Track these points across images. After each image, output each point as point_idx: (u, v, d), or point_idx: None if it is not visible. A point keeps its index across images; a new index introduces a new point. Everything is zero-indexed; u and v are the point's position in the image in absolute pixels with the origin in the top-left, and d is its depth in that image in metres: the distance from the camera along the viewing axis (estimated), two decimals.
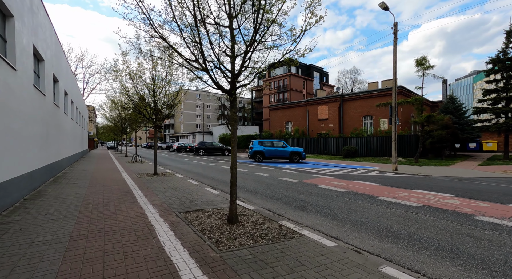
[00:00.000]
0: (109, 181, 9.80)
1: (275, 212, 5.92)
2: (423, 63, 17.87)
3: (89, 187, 8.51)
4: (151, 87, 11.36)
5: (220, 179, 11.04)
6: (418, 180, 10.45)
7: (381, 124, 26.47)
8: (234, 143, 5.03)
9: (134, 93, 11.25)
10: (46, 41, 9.17)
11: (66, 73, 14.75)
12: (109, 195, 7.33)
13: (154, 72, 11.29)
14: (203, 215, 5.44)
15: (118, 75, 11.00)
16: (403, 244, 4.01)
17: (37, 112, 8.12)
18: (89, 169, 14.24)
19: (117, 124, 25.25)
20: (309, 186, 8.97)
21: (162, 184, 9.36)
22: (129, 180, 10.26)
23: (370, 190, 8.11)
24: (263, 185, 9.53)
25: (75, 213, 5.42)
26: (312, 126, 33.37)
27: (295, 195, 7.71)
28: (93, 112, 56.21)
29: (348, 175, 11.98)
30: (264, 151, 19.50)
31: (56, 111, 11.52)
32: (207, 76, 5.32)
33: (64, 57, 13.80)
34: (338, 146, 27.40)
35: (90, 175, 11.68)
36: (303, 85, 63.59)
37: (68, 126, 15.36)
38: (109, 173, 12.46)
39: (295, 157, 19.36)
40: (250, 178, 11.38)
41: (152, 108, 11.55)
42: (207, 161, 20.89)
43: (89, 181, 9.82)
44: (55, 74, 10.98)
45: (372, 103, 27.78)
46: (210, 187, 9.04)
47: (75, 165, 16.51)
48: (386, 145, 23.57)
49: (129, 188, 8.38)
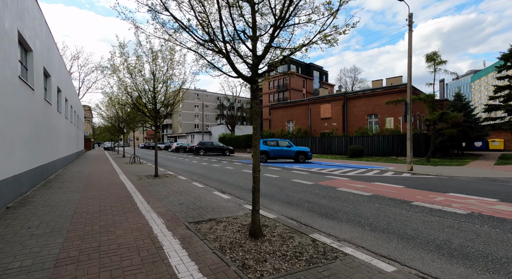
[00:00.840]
0: (106, 185, 8.92)
1: (300, 222, 5.09)
2: (434, 58, 17.12)
3: (83, 192, 7.62)
4: (151, 83, 10.51)
5: (227, 182, 10.19)
6: (443, 182, 9.67)
7: (387, 123, 25.74)
8: (256, 140, 4.19)
9: (133, 89, 10.36)
10: (34, 30, 8.27)
11: (59, 68, 13.82)
12: (106, 201, 6.45)
13: (154, 66, 10.43)
14: (218, 227, 4.60)
15: (115, 70, 10.10)
16: (482, 269, 3.18)
17: (25, 109, 7.22)
18: (84, 171, 13.32)
19: (114, 124, 24.28)
20: (328, 189, 8.15)
21: (165, 187, 8.49)
22: (128, 183, 9.38)
23: (398, 194, 7.30)
24: (275, 188, 8.70)
25: (65, 226, 4.55)
26: (315, 125, 32.59)
27: (315, 200, 6.88)
28: (89, 112, 55.04)
29: (364, 176, 11.18)
30: (268, 151, 18.66)
31: (48, 108, 10.60)
32: (221, 62, 4.49)
33: (57, 51, 12.88)
34: (343, 146, 26.64)
35: (85, 177, 10.77)
36: (303, 84, 62.88)
37: (61, 125, 14.43)
38: (106, 175, 11.56)
39: (301, 157, 18.56)
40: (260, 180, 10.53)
41: (152, 105, 10.67)
42: (209, 162, 20.02)
43: (84, 185, 8.92)
44: (46, 68, 10.07)
45: (377, 101, 27.07)
46: (218, 190, 8.19)
47: (70, 166, 15.57)
48: (393, 145, 22.84)
49: (128, 193, 7.50)
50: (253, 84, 4.05)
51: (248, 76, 4.11)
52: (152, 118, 11.11)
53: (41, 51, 9.14)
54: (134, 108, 11.25)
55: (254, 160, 4.17)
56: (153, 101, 10.74)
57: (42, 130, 9.40)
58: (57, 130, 12.79)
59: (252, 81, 4.06)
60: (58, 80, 13.10)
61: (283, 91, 60.80)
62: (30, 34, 7.73)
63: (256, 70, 4.01)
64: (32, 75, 8.08)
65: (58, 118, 13.32)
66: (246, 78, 4.10)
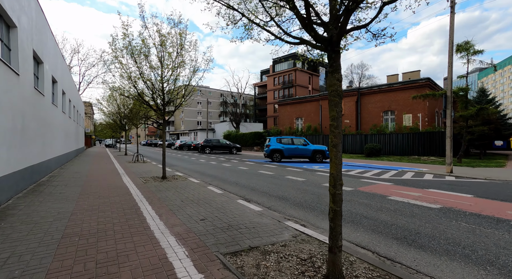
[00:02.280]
0: (107, 190, 7.49)
1: (379, 253, 3.63)
2: (467, 48, 15.51)
3: (79, 200, 6.20)
4: (159, 70, 9.05)
5: (247, 186, 8.75)
6: (508, 188, 8.20)
7: (405, 120, 24.20)
8: (337, 137, 2.73)
9: (138, 77, 8.90)
10: (19, 3, 6.79)
11: (55, 56, 12.37)
12: (106, 214, 5.02)
13: (162, 52, 8.97)
14: (268, 263, 3.16)
15: (117, 55, 8.64)
16: None
17: (4, 96, 5.78)
18: (83, 171, 11.92)
19: (116, 120, 22.87)
20: (378, 199, 6.68)
21: (177, 193, 7.05)
22: (133, 187, 7.95)
23: (476, 207, 5.81)
24: (310, 196, 7.25)
25: (45, 262, 3.11)
26: (325, 122, 31.06)
27: (372, 214, 5.43)
28: (90, 107, 53.68)
29: (405, 180, 9.71)
30: (283, 149, 17.20)
31: (40, 99, 9.16)
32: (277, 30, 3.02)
33: (51, 36, 11.42)
34: (357, 144, 25.16)
35: (83, 179, 9.36)
36: (308, 81, 61.25)
37: (58, 120, 13.00)
38: (107, 176, 10.15)
39: (318, 157, 17.09)
40: (285, 184, 9.10)
41: (160, 96, 9.22)
42: (218, 161, 18.58)
43: (81, 189, 7.50)
44: (36, 51, 8.61)
45: (394, 97, 25.51)
46: (241, 198, 6.76)
47: (68, 165, 14.17)
48: (413, 143, 21.33)
49: (134, 202, 6.07)
50: (335, 47, 2.57)
51: (327, 38, 2.62)
52: (160, 111, 9.67)
53: (29, 30, 7.68)
54: (138, 100, 9.80)
55: (334, 167, 2.70)
56: (161, 92, 9.30)
57: (31, 123, 7.97)
58: (52, 125, 11.37)
59: (334, 44, 2.58)
60: (53, 69, 11.65)
61: (289, 87, 59.20)
62: (12, 5, 6.26)
63: (342, 27, 2.53)
64: (16, 57, 6.62)
65: (54, 112, 11.89)
66: (324, 40, 2.62)
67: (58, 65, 13.22)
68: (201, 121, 75.53)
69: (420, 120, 23.47)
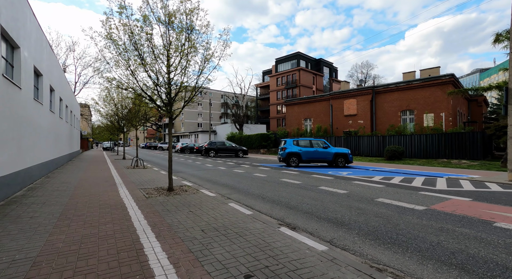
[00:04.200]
0: (98, 210, 5.58)
1: None
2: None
3: (53, 231, 4.29)
4: (164, 56, 7.21)
5: (278, 200, 6.86)
6: None
7: (426, 120, 22.39)
8: None
9: (139, 63, 7.03)
10: None
11: (39, 43, 10.49)
12: (90, 264, 3.12)
13: (169, 31, 7.13)
14: None
15: (110, 33, 6.78)
16: None
17: None
18: (72, 180, 9.99)
19: (113, 121, 20.96)
20: (478, 226, 4.76)
21: (193, 216, 5.16)
22: (132, 205, 6.04)
23: None
24: (376, 219, 5.37)
25: None
26: (337, 123, 29.24)
27: (496, 257, 3.56)
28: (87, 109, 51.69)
29: (481, 194, 7.82)
30: (301, 153, 15.31)
31: (15, 93, 7.27)
32: None
33: (33, 18, 9.54)
34: (374, 146, 23.33)
35: (70, 193, 7.44)
36: (312, 81, 59.57)
37: (44, 121, 11.10)
38: (101, 188, 8.23)
39: (341, 161, 15.21)
40: (325, 199, 7.21)
41: (166, 89, 7.35)
42: (226, 165, 16.68)
43: (62, 210, 5.59)
44: (9, 31, 6.73)
45: (413, 95, 23.74)
46: (281, 222, 4.91)
47: (56, 173, 12.23)
48: (438, 145, 19.51)
49: (134, 233, 4.17)
50: None
51: None
52: (165, 108, 7.79)
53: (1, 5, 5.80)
54: (140, 95, 7.91)
55: None
56: (167, 85, 7.43)
57: (1, 124, 6.08)
58: (34, 126, 9.46)
59: None
60: (36, 59, 9.76)
61: (292, 88, 57.48)
62: None
63: None
64: None
65: (37, 110, 9.99)
66: None
67: (45, 56, 11.33)
68: (201, 122, 73.66)
69: (443, 120, 21.67)
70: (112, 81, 7.26)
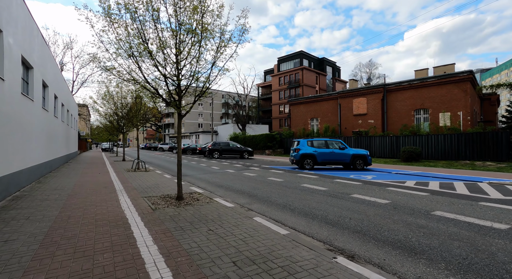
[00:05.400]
0: (94, 229, 4.40)
1: None
2: None
3: (31, 267, 3.11)
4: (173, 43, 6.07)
5: (310, 213, 5.70)
6: None
7: (444, 119, 21.25)
8: None
9: (143, 51, 5.87)
10: None
11: (30, 34, 9.31)
12: None
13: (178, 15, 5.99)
14: None
15: (110, 13, 5.63)
16: None
17: None
18: (67, 186, 8.81)
19: (112, 121, 19.78)
20: None
21: (215, 238, 3.99)
22: (137, 222, 4.86)
23: None
24: (458, 243, 4.22)
25: None
26: (345, 123, 28.10)
27: None
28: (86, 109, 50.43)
29: None
30: (316, 154, 14.15)
31: None
32: None
33: (23, 4, 8.36)
34: (387, 147, 22.20)
35: (62, 203, 6.26)
36: (315, 80, 58.45)
37: (36, 119, 9.92)
38: (98, 196, 7.04)
39: (359, 163, 14.05)
40: (369, 212, 6.05)
41: (175, 76, 6.20)
42: (234, 168, 15.50)
43: (50, 228, 4.42)
44: None
45: (427, 94, 22.62)
46: (335, 249, 3.76)
47: (49, 177, 11.04)
48: (458, 146, 18.39)
49: (144, 271, 2.99)
50: None
51: None
52: (175, 104, 6.63)
53: None
54: (144, 88, 6.73)
55: None
56: (176, 71, 6.28)
57: None
58: (23, 125, 8.28)
59: None
60: (25, 48, 8.58)
61: (295, 87, 56.34)
62: None
63: None
64: None
65: (27, 107, 8.81)
66: None
67: (36, 46, 10.14)
68: (202, 123, 72.50)
69: (461, 119, 20.55)
70: (111, 70, 6.08)
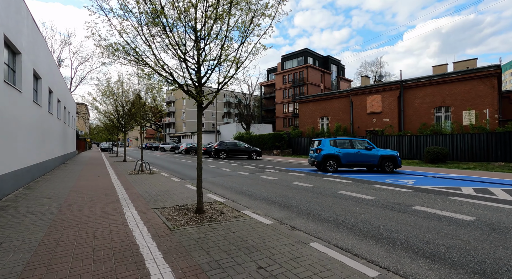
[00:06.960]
0: (91, 265, 2.96)
1: None
2: None
3: None
4: (192, 15, 4.67)
5: (384, 235, 4.29)
6: None
7: (469, 117, 19.81)
8: None
9: (150, 19, 4.45)
10: None
11: (17, 12, 7.88)
12: None
13: None
14: None
15: None
16: None
17: None
18: (60, 193, 7.37)
19: (112, 119, 18.37)
20: None
21: None
22: (152, 251, 3.42)
23: None
24: None
25: None
26: (358, 122, 26.68)
27: None
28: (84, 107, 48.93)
29: None
30: (340, 155, 12.72)
31: None
32: None
33: None
34: (406, 147, 20.83)
35: (51, 219, 4.83)
36: (320, 79, 57.02)
37: (24, 114, 8.49)
38: (98, 208, 5.60)
39: (388, 165, 12.63)
40: (465, 235, 4.64)
41: (195, 65, 4.78)
42: (247, 170, 14.06)
43: (27, 264, 2.97)
44: None
45: (449, 90, 21.21)
46: None
47: (43, 180, 9.60)
48: (487, 146, 17.01)
49: None
50: None
51: None
52: (195, 89, 5.20)
53: None
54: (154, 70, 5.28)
55: None
56: (197, 56, 4.86)
57: None
58: (6, 120, 6.85)
59: None
60: (9, 28, 7.15)
61: (300, 86, 54.93)
62: None
63: None
64: None
65: (12, 98, 7.37)
66: None
67: (24, 30, 8.69)
68: (204, 122, 71.03)
69: (487, 117, 19.14)
70: (116, 45, 4.65)
